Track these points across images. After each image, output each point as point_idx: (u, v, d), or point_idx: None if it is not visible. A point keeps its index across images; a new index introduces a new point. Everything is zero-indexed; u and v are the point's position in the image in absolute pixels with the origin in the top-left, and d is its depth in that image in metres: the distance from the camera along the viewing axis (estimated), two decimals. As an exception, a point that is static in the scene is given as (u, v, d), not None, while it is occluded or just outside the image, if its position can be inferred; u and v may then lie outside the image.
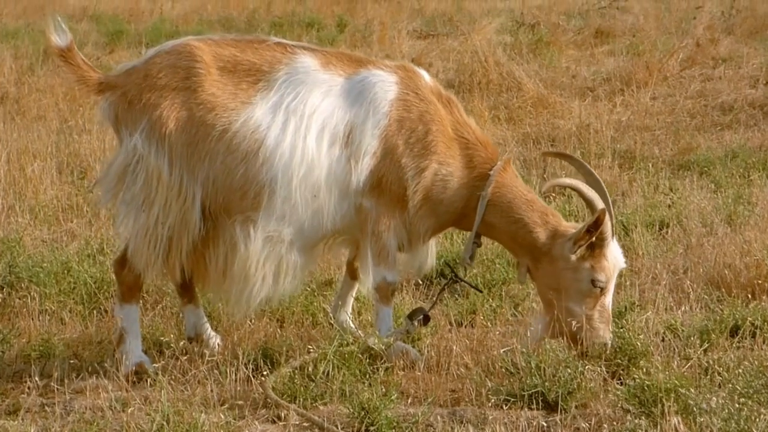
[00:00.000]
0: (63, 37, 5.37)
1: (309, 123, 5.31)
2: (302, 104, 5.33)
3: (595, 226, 5.27)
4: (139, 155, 5.26)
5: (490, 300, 6.30)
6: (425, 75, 5.67)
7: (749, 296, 6.17)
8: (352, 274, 5.91)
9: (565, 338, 5.36)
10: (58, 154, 9.39)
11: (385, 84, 5.45)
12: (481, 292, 6.15)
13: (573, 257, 5.35)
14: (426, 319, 5.64)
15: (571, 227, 5.45)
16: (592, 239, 5.30)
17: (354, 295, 5.97)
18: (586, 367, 5.14)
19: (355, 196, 5.42)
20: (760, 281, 6.26)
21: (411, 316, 5.61)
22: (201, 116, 5.28)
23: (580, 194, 5.48)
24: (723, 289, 6.29)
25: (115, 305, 5.59)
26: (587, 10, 17.83)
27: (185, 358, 5.43)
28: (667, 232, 7.35)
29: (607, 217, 5.31)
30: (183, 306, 5.80)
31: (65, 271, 6.42)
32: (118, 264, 5.49)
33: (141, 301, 6.28)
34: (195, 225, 5.30)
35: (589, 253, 5.34)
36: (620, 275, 5.72)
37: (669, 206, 7.84)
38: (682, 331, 5.69)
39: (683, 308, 6.11)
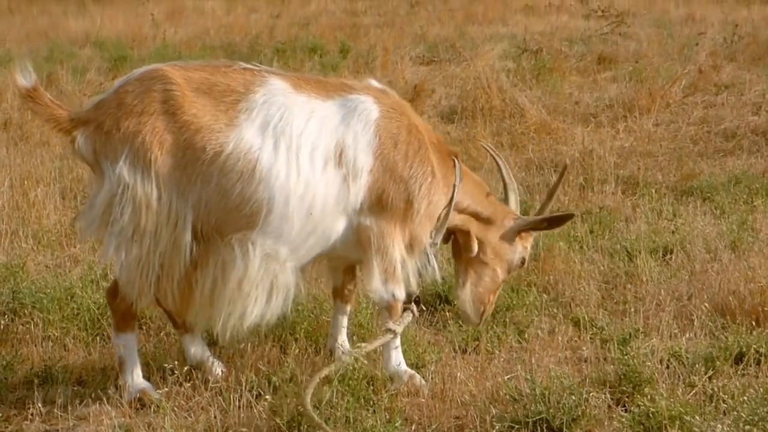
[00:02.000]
0: (28, 78, 5.26)
1: (299, 143, 5.31)
2: (288, 125, 5.32)
3: (559, 222, 6.06)
4: (125, 185, 5.17)
5: (494, 326, 6.29)
6: (388, 89, 5.81)
7: (754, 323, 6.16)
8: (344, 298, 5.97)
9: (474, 301, 5.91)
10: (62, 180, 9.40)
11: (366, 104, 5.51)
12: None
13: (516, 237, 5.94)
14: (417, 301, 5.83)
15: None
16: (543, 229, 6.07)
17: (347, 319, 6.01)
18: (591, 394, 5.14)
19: (353, 215, 5.47)
20: (764, 308, 6.24)
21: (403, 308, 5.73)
22: (187, 139, 5.22)
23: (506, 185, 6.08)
24: (728, 316, 6.28)
25: (113, 336, 5.57)
26: (590, 36, 17.87)
27: (189, 384, 5.43)
28: (671, 258, 7.34)
29: None
30: (180, 336, 5.80)
31: (68, 297, 6.40)
32: (111, 294, 5.46)
33: (143, 328, 6.30)
34: (186, 248, 5.26)
35: (524, 235, 5.97)
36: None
37: (673, 232, 7.83)
38: (687, 358, 5.68)
39: (688, 335, 6.10)
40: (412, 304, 5.76)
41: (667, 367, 5.60)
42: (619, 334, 5.99)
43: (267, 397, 5.21)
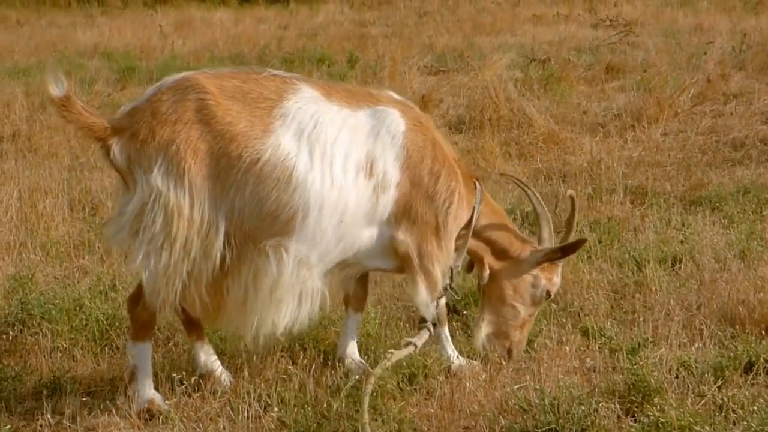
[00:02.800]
0: (60, 87, 5.26)
1: (333, 151, 5.37)
2: (323, 133, 5.37)
3: (573, 250, 6.04)
4: (157, 193, 5.18)
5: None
6: (409, 102, 5.90)
7: (763, 332, 6.15)
8: (355, 306, 6.03)
9: (498, 336, 6.02)
10: (70, 191, 9.41)
11: (393, 117, 5.58)
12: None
13: (537, 268, 5.98)
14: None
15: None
16: (558, 258, 5.98)
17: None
18: (600, 404, 5.13)
19: (382, 227, 5.57)
20: (774, 317, 6.24)
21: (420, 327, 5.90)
22: (222, 147, 5.23)
23: (539, 216, 6.07)
24: (737, 326, 6.27)
25: (128, 343, 5.57)
26: (598, 45, 17.87)
27: (197, 395, 5.43)
28: (680, 268, 7.33)
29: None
30: (192, 343, 5.80)
31: (77, 308, 6.40)
32: (132, 301, 5.46)
33: (154, 337, 6.30)
34: (217, 256, 5.27)
35: (546, 267, 6.01)
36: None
37: (681, 242, 7.82)
38: (696, 367, 5.67)
39: (697, 345, 6.08)
40: (429, 323, 5.85)
41: (677, 376, 5.59)
42: (628, 343, 5.98)
43: (275, 408, 5.21)
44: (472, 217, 5.83)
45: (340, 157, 5.38)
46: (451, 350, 5.96)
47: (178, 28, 22.32)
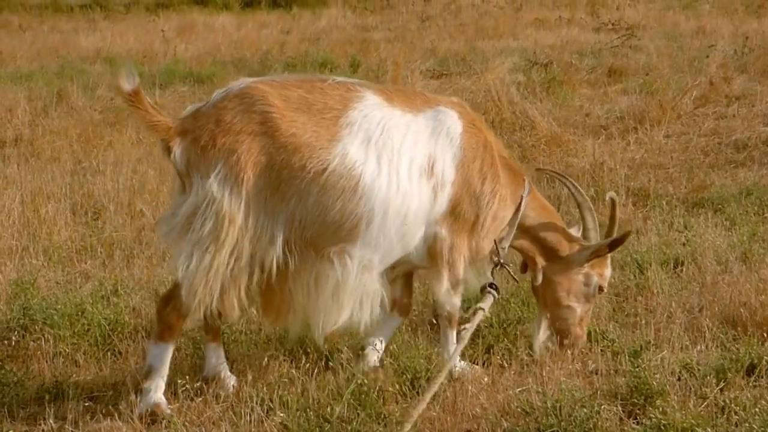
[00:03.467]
0: (131, 81, 5.33)
1: (399, 156, 5.48)
2: (389, 139, 5.47)
3: (619, 244, 6.12)
4: (211, 199, 5.24)
5: (505, 339, 6.29)
6: (466, 105, 6.05)
7: (765, 334, 6.12)
8: (402, 311, 6.12)
9: (557, 335, 6.13)
10: (72, 196, 9.41)
11: (452, 118, 5.73)
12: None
13: (587, 265, 6.08)
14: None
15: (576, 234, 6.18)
16: (605, 254, 6.09)
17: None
18: (602, 407, 5.13)
19: (431, 224, 5.66)
20: (776, 319, 6.23)
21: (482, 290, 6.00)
22: (284, 159, 5.30)
23: (580, 205, 6.21)
24: (739, 328, 6.26)
25: (149, 342, 5.57)
26: (600, 48, 17.87)
27: (200, 399, 5.43)
28: (682, 270, 7.32)
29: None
30: (207, 343, 5.79)
31: (79, 313, 6.40)
32: (163, 301, 5.46)
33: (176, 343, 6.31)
34: (273, 263, 5.34)
35: (595, 262, 6.10)
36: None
37: (684, 244, 7.81)
38: (698, 370, 5.66)
39: (699, 347, 6.08)
40: (489, 287, 5.96)
41: (679, 379, 5.59)
42: (630, 346, 5.97)
43: (278, 412, 5.21)
44: (520, 204, 5.95)
45: (405, 162, 5.50)
46: (453, 356, 5.93)
47: (180, 33, 22.32)
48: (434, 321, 6.35)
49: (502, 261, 5.96)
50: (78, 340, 6.23)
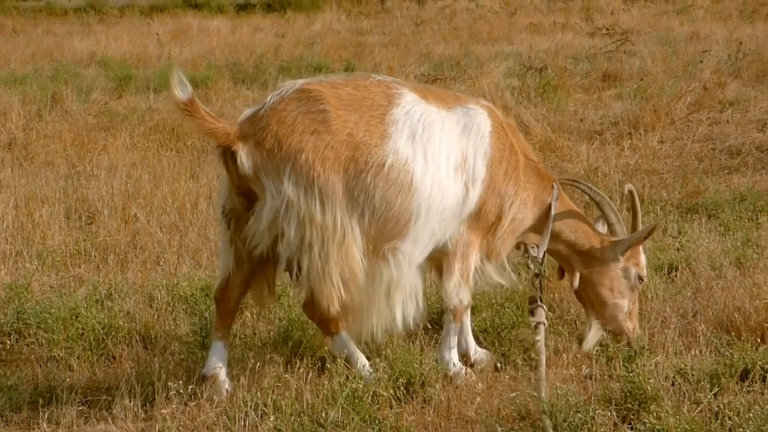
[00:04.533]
0: (185, 91, 5.37)
1: (440, 152, 5.59)
2: (431, 135, 5.59)
3: (648, 235, 6.26)
4: (288, 201, 5.33)
5: (500, 344, 6.29)
6: (494, 106, 6.14)
7: (759, 340, 6.14)
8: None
9: (613, 335, 6.17)
10: (66, 200, 9.40)
11: (482, 117, 5.84)
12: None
13: (622, 259, 6.13)
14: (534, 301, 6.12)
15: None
16: (637, 245, 6.17)
17: None
18: (597, 411, 5.13)
19: (461, 221, 5.76)
20: (770, 324, 6.24)
21: (532, 310, 6.13)
22: (349, 155, 5.40)
23: (600, 203, 6.31)
24: (733, 333, 6.26)
25: (328, 341, 5.84)
26: (594, 53, 17.88)
27: (194, 403, 5.42)
28: (676, 276, 7.33)
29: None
30: (214, 340, 5.78)
31: (73, 317, 6.40)
32: (307, 307, 5.71)
33: (147, 347, 6.31)
34: (361, 258, 5.46)
35: (629, 254, 6.17)
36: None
37: (678, 249, 7.82)
38: (692, 375, 5.67)
39: (693, 352, 6.09)
40: (538, 300, 6.08)
41: (673, 384, 5.59)
42: (625, 351, 5.98)
43: (272, 416, 5.20)
44: (548, 216, 6.02)
45: (444, 158, 5.61)
46: (452, 352, 5.96)
47: (174, 36, 22.32)
48: (429, 326, 6.35)
49: (540, 272, 6.09)
50: (72, 345, 6.23)
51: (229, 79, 16.10)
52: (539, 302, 6.07)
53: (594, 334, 6.16)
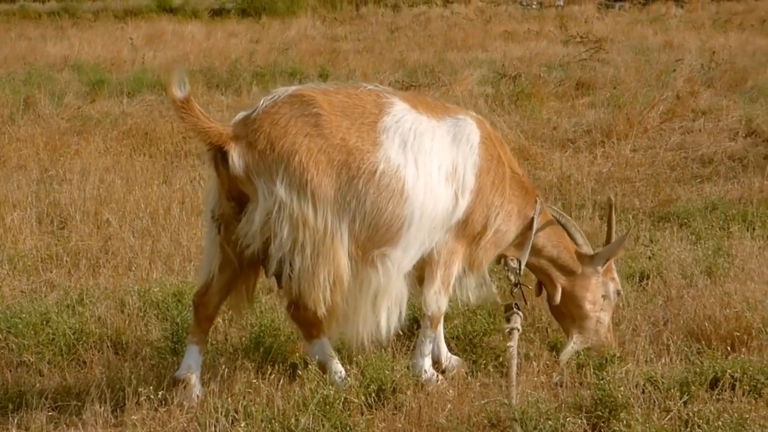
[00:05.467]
0: (183, 89, 5.35)
1: (431, 160, 5.62)
2: (422, 144, 5.61)
3: (622, 243, 6.32)
4: (280, 203, 5.34)
5: (471, 351, 6.30)
6: (483, 118, 6.14)
7: (729, 348, 6.17)
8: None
9: (596, 349, 6.16)
10: (38, 204, 9.37)
11: (472, 128, 5.87)
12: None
13: (601, 272, 6.23)
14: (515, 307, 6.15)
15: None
16: (614, 256, 6.27)
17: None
18: (567, 419, 5.14)
19: (448, 229, 5.78)
20: (739, 333, 6.26)
21: (508, 317, 6.15)
22: (341, 160, 5.42)
23: (565, 225, 6.34)
24: (703, 341, 6.29)
25: (305, 346, 5.76)
26: (568, 62, 17.95)
27: (164, 409, 5.40)
28: (647, 284, 7.35)
29: None
30: (189, 344, 5.76)
31: (44, 322, 6.37)
32: (292, 308, 5.60)
33: (119, 353, 6.29)
34: (346, 263, 5.46)
35: (606, 268, 6.26)
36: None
37: (649, 258, 7.85)
38: (663, 383, 5.68)
39: (663, 360, 6.11)
40: (513, 308, 6.12)
41: (643, 392, 5.61)
42: (595, 359, 5.99)
43: (242, 422, 5.19)
44: (530, 230, 6.07)
45: (435, 167, 5.63)
46: (425, 359, 5.97)
47: (148, 41, 22.30)
48: (400, 332, 6.36)
49: (519, 282, 6.12)
50: (42, 350, 6.20)
51: (204, 84, 16.10)
52: (516, 309, 6.10)
53: (572, 347, 6.17)
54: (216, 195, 5.59)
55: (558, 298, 6.20)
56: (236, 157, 5.37)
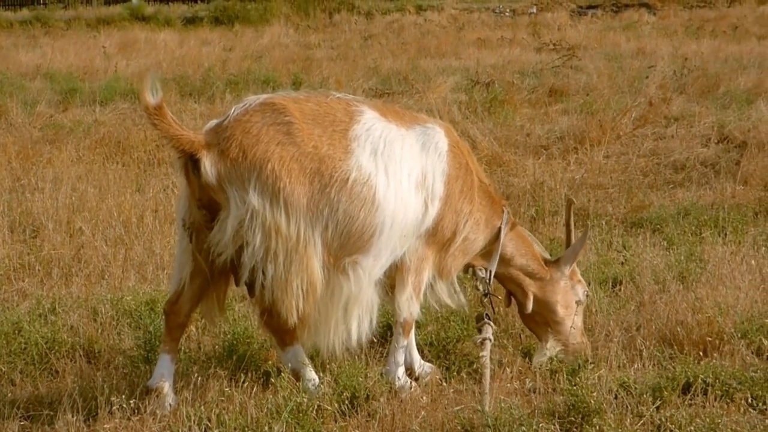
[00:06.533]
0: (156, 95, 5.32)
1: (401, 169, 5.63)
2: (392, 152, 5.63)
3: (584, 241, 6.42)
4: (253, 211, 5.32)
5: (445, 358, 6.31)
6: (450, 126, 6.18)
7: (701, 353, 6.20)
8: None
9: (571, 353, 6.21)
10: (10, 213, 9.33)
11: (440, 135, 5.90)
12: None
13: (568, 275, 6.31)
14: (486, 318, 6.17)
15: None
16: (578, 257, 6.37)
17: None
18: (540, 425, 5.15)
19: (418, 236, 5.80)
20: (711, 338, 6.28)
21: (479, 328, 6.18)
22: (314, 168, 5.41)
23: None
24: (675, 347, 6.31)
25: (281, 354, 5.73)
26: (541, 69, 18.00)
27: (137, 418, 5.39)
28: (620, 290, 7.37)
29: None
30: (161, 353, 5.74)
31: (16, 332, 6.35)
32: (264, 316, 5.58)
33: (91, 362, 6.26)
34: (320, 271, 5.46)
35: (570, 272, 6.34)
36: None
37: (622, 263, 7.87)
38: (635, 388, 5.70)
39: (636, 365, 6.12)
40: (486, 318, 6.14)
41: (616, 397, 5.62)
42: (568, 365, 6.01)
43: (215, 431, 5.18)
44: (498, 239, 6.10)
45: (405, 174, 5.65)
46: (398, 366, 5.97)
47: (121, 49, 22.25)
48: (374, 339, 6.36)
49: (489, 291, 6.14)
50: (14, 359, 6.18)
51: (177, 92, 16.07)
52: (487, 319, 6.11)
53: (547, 352, 6.20)
54: (187, 203, 5.57)
55: (530, 306, 6.23)
56: (208, 165, 5.36)
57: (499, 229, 6.11)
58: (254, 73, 17.70)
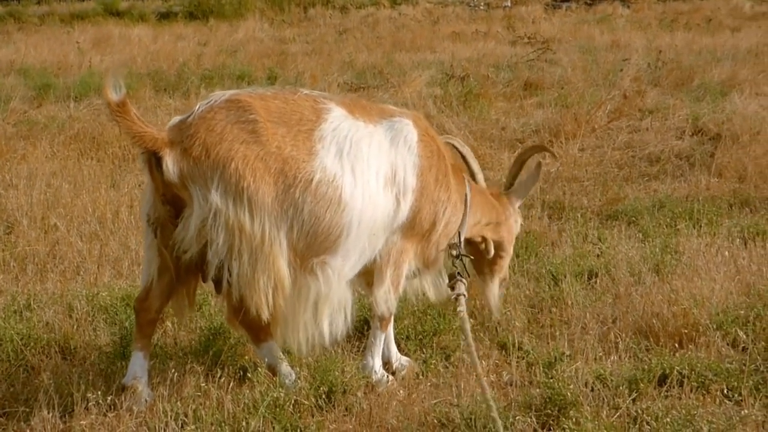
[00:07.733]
0: (118, 92, 5.27)
1: (369, 167, 5.59)
2: (359, 151, 5.57)
3: (539, 168, 6.71)
4: (216, 209, 5.27)
5: (421, 352, 6.31)
6: (419, 114, 6.19)
7: (677, 345, 6.22)
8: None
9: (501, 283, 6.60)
10: (-15, 210, 9.29)
11: (409, 127, 5.85)
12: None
13: (516, 211, 6.64)
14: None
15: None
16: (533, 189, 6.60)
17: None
18: (517, 417, 5.16)
19: (392, 232, 5.78)
20: (687, 330, 6.31)
21: (452, 285, 6.16)
22: (278, 168, 5.35)
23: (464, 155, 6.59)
24: (651, 339, 6.33)
25: (256, 350, 5.73)
26: (516, 62, 18.03)
27: (113, 414, 5.37)
28: (595, 282, 7.39)
29: None
30: (134, 350, 5.70)
31: (-9, 328, 6.33)
32: (234, 312, 5.54)
33: (67, 358, 6.24)
34: (286, 269, 5.42)
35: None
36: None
37: (597, 256, 7.90)
38: (611, 380, 5.72)
39: (612, 358, 6.14)
40: (458, 276, 6.12)
41: (592, 389, 5.63)
42: (545, 357, 6.02)
43: (192, 426, 5.17)
44: (466, 207, 6.17)
45: (373, 173, 5.61)
46: (375, 360, 5.98)
47: (95, 45, 22.17)
48: (350, 333, 6.36)
49: (460, 252, 6.15)
50: (-11, 356, 6.15)
51: (151, 87, 16.03)
52: (459, 277, 6.12)
53: (496, 290, 6.49)
54: (151, 198, 5.53)
55: (492, 251, 6.41)
56: (170, 163, 5.30)
57: (466, 195, 6.17)
58: (229, 67, 17.67)
